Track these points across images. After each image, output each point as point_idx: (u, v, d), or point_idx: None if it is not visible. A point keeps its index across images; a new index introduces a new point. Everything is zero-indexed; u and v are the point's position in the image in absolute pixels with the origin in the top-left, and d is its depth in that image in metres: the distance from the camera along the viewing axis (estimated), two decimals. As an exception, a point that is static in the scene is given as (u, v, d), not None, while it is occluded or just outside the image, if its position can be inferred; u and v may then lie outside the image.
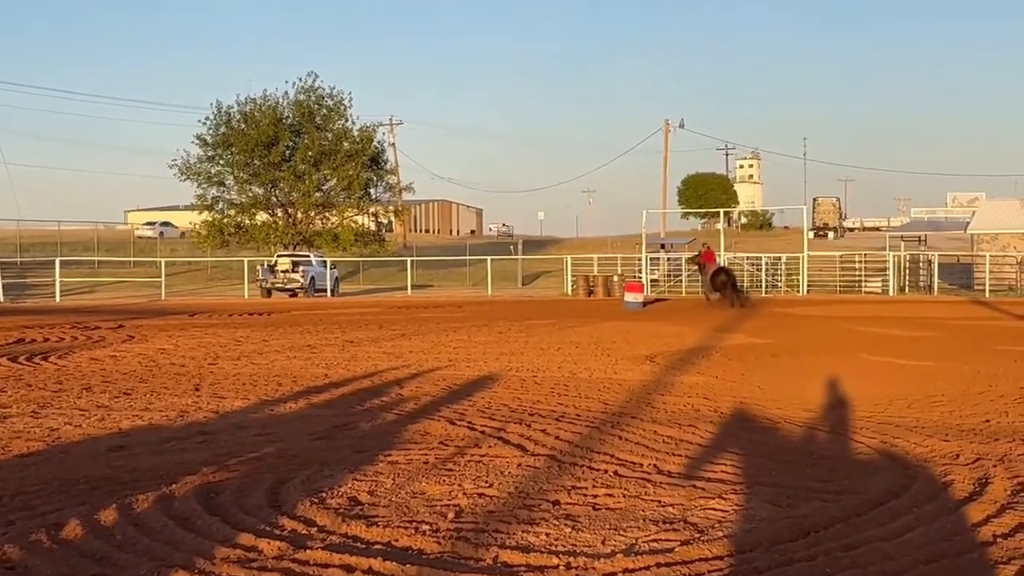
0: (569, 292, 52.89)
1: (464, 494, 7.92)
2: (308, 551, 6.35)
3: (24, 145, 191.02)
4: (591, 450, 9.68)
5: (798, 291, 50.74)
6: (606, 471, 8.79)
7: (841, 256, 57.57)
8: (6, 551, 6.31)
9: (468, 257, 64.97)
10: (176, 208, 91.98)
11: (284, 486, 8.16)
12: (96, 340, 23.02)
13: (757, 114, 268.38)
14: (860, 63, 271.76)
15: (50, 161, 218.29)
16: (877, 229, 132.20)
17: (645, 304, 38.60)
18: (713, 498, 7.80)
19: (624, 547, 6.53)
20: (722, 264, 40.87)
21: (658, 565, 6.15)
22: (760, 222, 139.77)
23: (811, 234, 77.15)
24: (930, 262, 52.18)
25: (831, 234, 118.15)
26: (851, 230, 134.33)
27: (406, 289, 54.74)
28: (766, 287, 52.32)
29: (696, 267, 41.14)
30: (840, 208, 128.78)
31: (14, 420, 11.63)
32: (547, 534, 6.81)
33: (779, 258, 55.48)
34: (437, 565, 6.10)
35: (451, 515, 7.27)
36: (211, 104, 61.72)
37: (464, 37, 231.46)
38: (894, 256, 52.83)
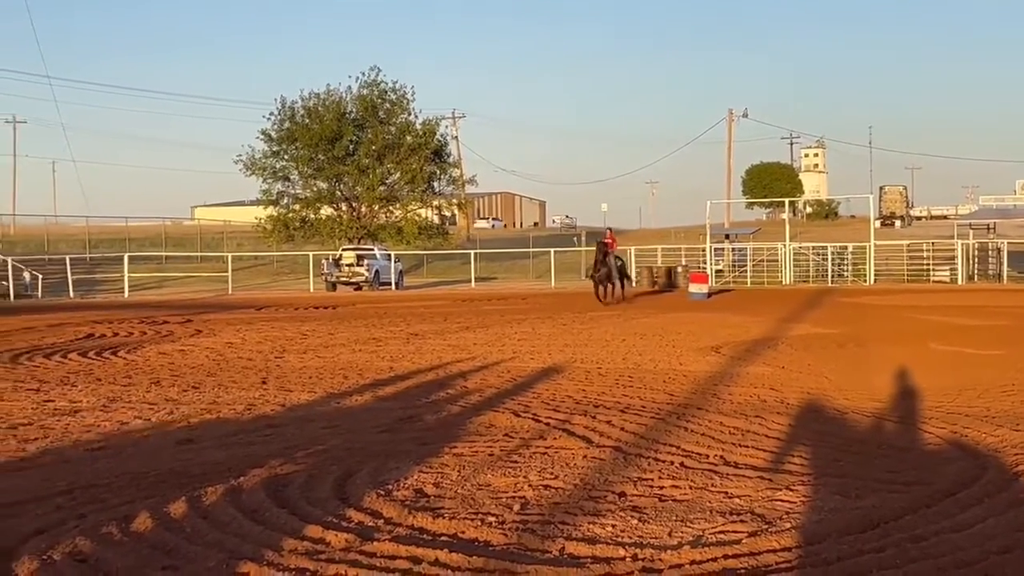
0: (633, 283, 52.75)
1: (530, 486, 7.92)
2: (375, 543, 6.38)
3: (93, 142, 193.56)
4: (657, 441, 9.64)
5: (865, 281, 50.25)
6: (672, 462, 8.76)
7: (908, 245, 56.84)
8: (78, 543, 6.39)
9: (531, 249, 64.91)
10: (241, 203, 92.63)
11: (351, 478, 8.20)
12: (164, 335, 23.26)
13: (822, 102, 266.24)
14: (927, 50, 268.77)
15: (118, 158, 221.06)
16: (945, 217, 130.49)
17: (710, 295, 38.42)
18: (780, 489, 7.74)
19: (691, 539, 6.51)
20: (611, 253, 35.16)
21: (725, 556, 6.12)
22: (825, 211, 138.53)
23: (878, 223, 76.38)
24: (999, 250, 51.41)
25: (898, 223, 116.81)
26: (918, 219, 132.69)
27: (470, 282, 54.81)
28: (832, 277, 51.86)
29: (603, 253, 34.85)
30: (907, 197, 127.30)
31: (85, 414, 11.78)
32: (613, 526, 6.79)
33: (845, 247, 54.94)
34: (503, 557, 6.10)
35: (517, 507, 7.27)
36: (275, 99, 62.17)
37: (527, 29, 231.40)
38: (962, 244, 52.08)
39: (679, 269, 50.32)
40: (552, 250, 56.76)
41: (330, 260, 52.63)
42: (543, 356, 17.45)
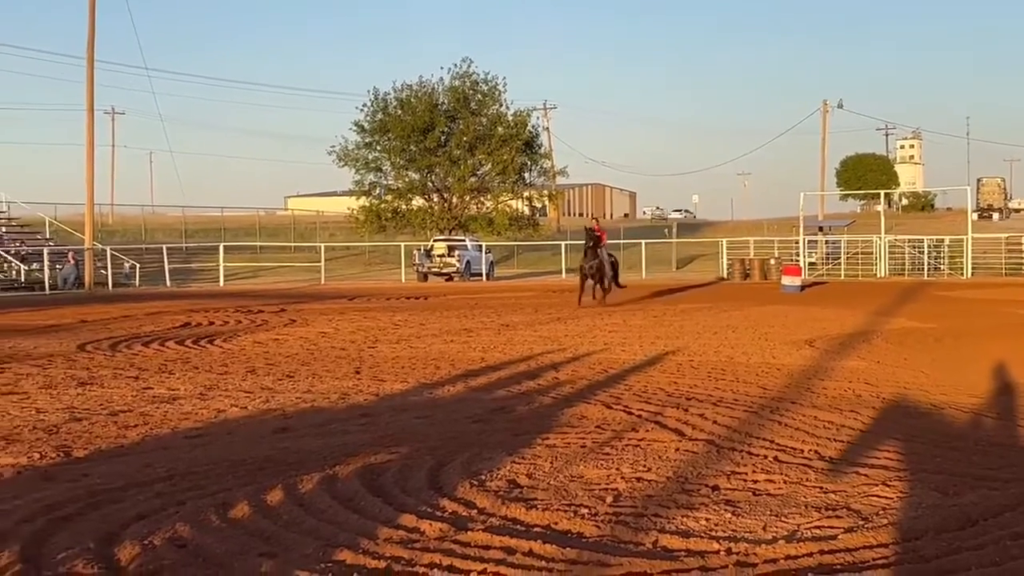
0: (725, 275, 52.39)
1: (622, 478, 7.92)
2: (469, 533, 6.41)
3: (189, 133, 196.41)
4: (750, 435, 9.58)
5: (962, 274, 49.45)
6: (766, 456, 8.70)
7: (1007, 238, 55.82)
8: (178, 529, 6.50)
9: (622, 241, 64.66)
10: (334, 194, 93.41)
11: (444, 468, 8.25)
12: (259, 324, 23.56)
13: (918, 93, 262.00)
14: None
15: (214, 148, 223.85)
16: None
17: (803, 287, 38.08)
18: (876, 485, 7.66)
19: (786, 533, 6.46)
20: (603, 246, 30.41)
21: (821, 552, 6.06)
22: (922, 204, 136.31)
23: (975, 216, 75.07)
24: (1101, 243, 50.34)
25: (996, 215, 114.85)
26: (1017, 211, 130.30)
27: (560, 273, 54.80)
28: (928, 270, 51.11)
29: (594, 241, 30.13)
30: (1006, 189, 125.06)
31: (183, 402, 11.98)
32: (707, 519, 6.77)
33: (942, 240, 54.11)
34: (597, 549, 6.11)
35: (610, 499, 7.27)
36: (369, 91, 62.50)
37: (618, 20, 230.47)
38: (1063, 238, 51.07)
39: (771, 262, 49.89)
40: (643, 241, 56.60)
41: (422, 251, 52.95)
42: (634, 348, 17.41)
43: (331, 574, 5.66)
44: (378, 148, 60.63)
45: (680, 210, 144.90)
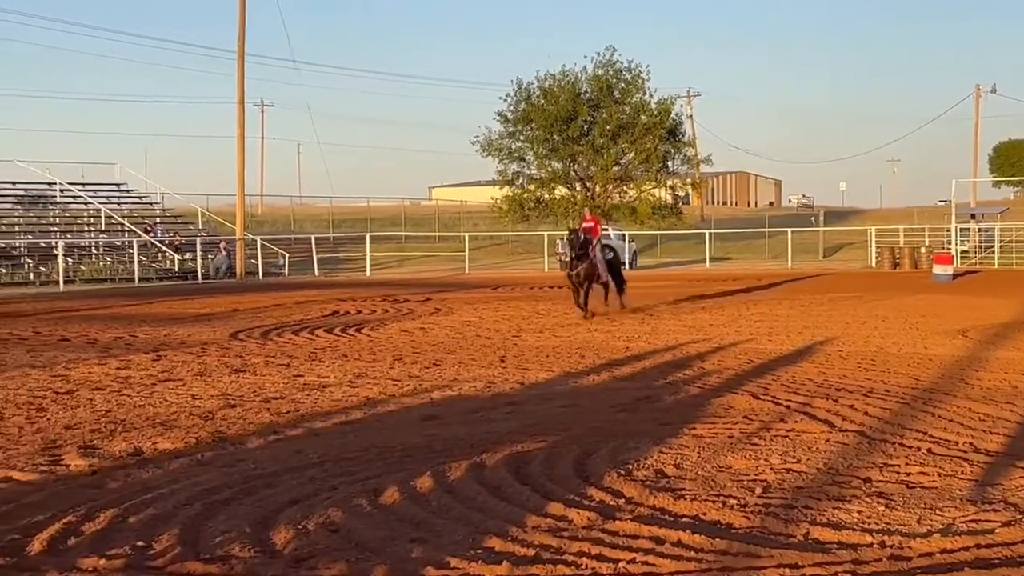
0: (873, 264, 51.39)
1: (771, 469, 7.84)
2: (617, 522, 6.42)
3: (336, 125, 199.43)
4: (902, 427, 9.40)
5: (1123, 262, 47.79)
6: (919, 448, 8.53)
7: None
8: (330, 514, 6.62)
9: (767, 229, 63.79)
10: (478, 184, 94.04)
11: (590, 457, 8.26)
12: (405, 312, 23.84)
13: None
14: None
15: (360, 139, 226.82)
16: None
17: (955, 276, 37.19)
18: (1035, 479, 7.46)
19: (941, 527, 6.33)
20: (596, 242, 23.79)
21: (978, 546, 5.93)
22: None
23: None
24: None
25: None
26: None
27: (704, 262, 54.36)
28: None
29: (578, 241, 23.25)
30: None
31: (333, 389, 12.19)
32: (859, 511, 6.66)
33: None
34: (747, 540, 6.06)
35: (759, 490, 7.20)
36: (511, 81, 62.71)
37: (764, 5, 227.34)
38: None
39: (922, 250, 48.83)
40: (789, 230, 55.81)
41: (564, 240, 52.97)
42: (781, 338, 17.20)
43: (481, 561, 5.71)
44: (521, 138, 60.79)
45: (807, 196, 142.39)
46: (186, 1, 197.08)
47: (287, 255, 50.73)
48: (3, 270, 41.52)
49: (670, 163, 62.08)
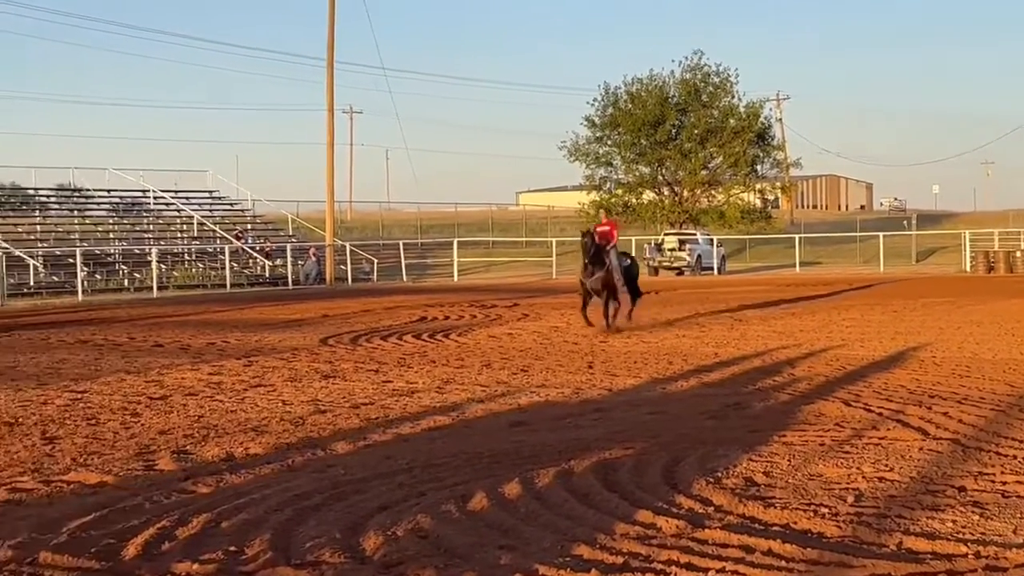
0: (967, 269, 50.59)
1: (863, 477, 7.74)
2: (706, 530, 6.37)
3: (424, 131, 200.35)
4: (998, 435, 9.23)
5: None
6: (1016, 457, 8.37)
7: None
8: (419, 520, 6.65)
9: (858, 233, 63.13)
10: (564, 189, 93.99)
11: (679, 464, 8.21)
12: (493, 318, 23.89)
13: None
14: None
15: (447, 146, 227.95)
16: None
17: (1052, 281, 36.48)
18: None
19: (1038, 538, 6.21)
20: (611, 248, 21.36)
21: (1078, 559, 5.80)
22: None
23: None
24: None
25: None
26: None
27: (794, 266, 53.89)
28: None
29: (592, 246, 20.78)
30: None
31: (421, 395, 12.24)
32: (953, 521, 6.55)
33: None
34: (838, 549, 5.98)
35: (850, 499, 7.11)
36: (599, 86, 62.68)
37: (853, 7, 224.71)
38: None
39: (1017, 254, 48.00)
40: (880, 234, 55.16)
41: (652, 245, 52.83)
42: (873, 344, 16.98)
43: (569, 568, 5.70)
44: (608, 143, 60.91)
45: (899, 200, 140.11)
46: (276, 10, 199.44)
47: (376, 261, 51.09)
48: (98, 276, 42.29)
49: (759, 167, 61.88)
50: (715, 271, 52.16)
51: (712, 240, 54.47)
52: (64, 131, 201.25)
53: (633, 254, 50.23)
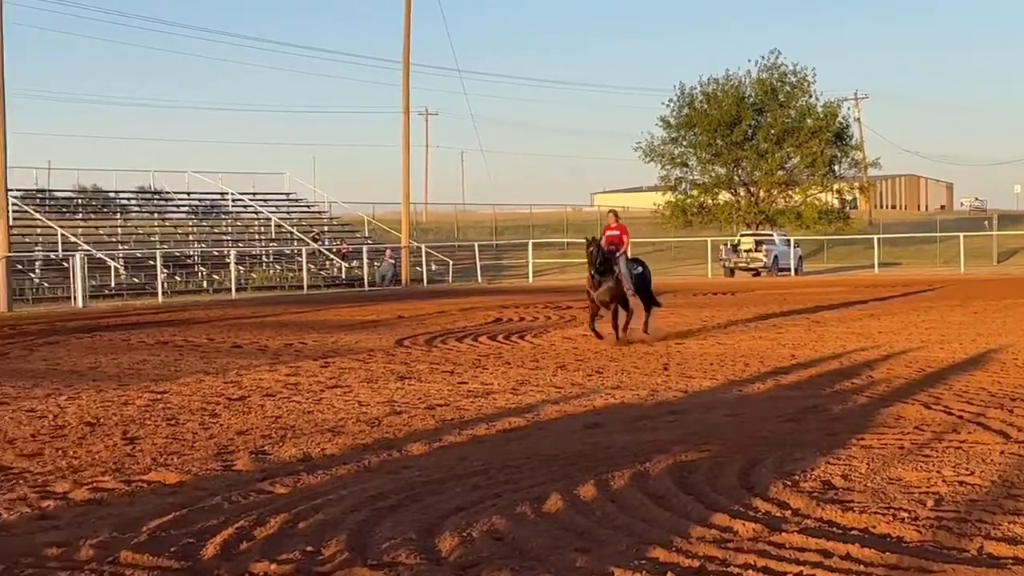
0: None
1: (943, 481, 7.64)
2: (783, 534, 6.32)
3: (498, 132, 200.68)
4: (1082, 439, 9.08)
5: None
6: (1100, 462, 8.22)
7: None
8: (494, 522, 6.66)
9: (938, 234, 62.29)
10: (639, 189, 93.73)
11: (755, 467, 8.15)
12: (568, 320, 23.86)
13: None
14: None
15: (522, 147, 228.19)
16: None
17: None
18: None
19: (1124, 544, 6.09)
20: (620, 254, 19.51)
21: None
22: None
23: None
24: None
25: None
26: None
27: (872, 267, 53.29)
28: None
29: (598, 255, 19.06)
30: None
31: (496, 397, 12.27)
32: (1036, 526, 6.45)
33: None
34: (918, 554, 5.91)
35: (930, 503, 7.02)
36: (674, 86, 62.49)
37: (933, 4, 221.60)
38: None
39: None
40: (961, 234, 54.39)
41: (728, 246, 52.50)
42: (953, 346, 16.74)
43: (645, 571, 5.68)
44: (684, 143, 60.63)
45: (980, 200, 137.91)
46: (351, 13, 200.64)
47: (451, 262, 51.25)
48: (178, 278, 42.82)
49: (837, 167, 61.23)
50: (792, 272, 51.71)
51: (789, 241, 54.00)
52: (145, 135, 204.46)
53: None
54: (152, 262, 40.38)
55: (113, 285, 40.10)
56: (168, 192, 54.29)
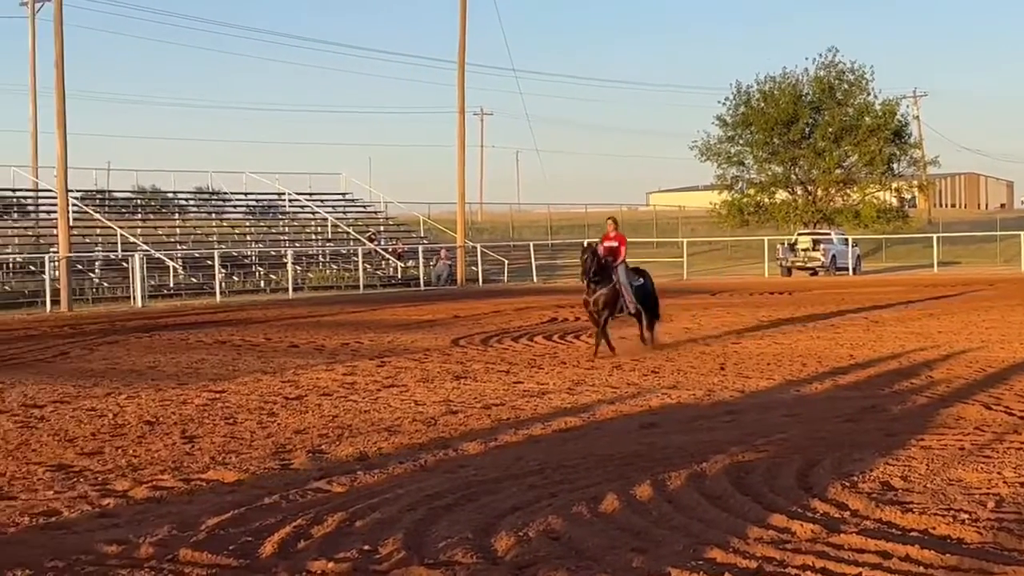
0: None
1: (1005, 482, 7.56)
2: (842, 535, 6.28)
3: (554, 132, 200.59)
4: None
5: None
6: None
7: None
8: (550, 522, 6.66)
9: (998, 232, 61.50)
10: (695, 188, 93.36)
11: (813, 468, 8.10)
12: (622, 320, 23.75)
13: None
14: None
15: (577, 146, 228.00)
16: None
17: None
18: None
19: None
20: (618, 263, 18.68)
21: None
22: None
23: None
24: None
25: None
26: None
27: (931, 266, 52.76)
28: None
29: (593, 262, 18.31)
30: None
31: (551, 396, 12.27)
32: (1100, 529, 6.36)
33: None
34: (978, 556, 5.85)
35: (991, 504, 6.95)
36: (730, 84, 62.06)
37: (988, 2, 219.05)
38: None
39: None
40: (1021, 233, 53.70)
41: (785, 245, 52.14)
42: (1014, 346, 16.55)
43: (702, 572, 5.66)
44: (740, 142, 60.25)
45: None
46: (407, 14, 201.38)
47: (506, 261, 51.27)
48: (236, 278, 43.09)
49: (895, 165, 60.62)
50: (850, 271, 51.28)
51: (847, 240, 53.55)
52: (202, 135, 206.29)
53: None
54: (210, 262, 40.63)
55: (172, 285, 40.40)
56: (226, 192, 54.69)
